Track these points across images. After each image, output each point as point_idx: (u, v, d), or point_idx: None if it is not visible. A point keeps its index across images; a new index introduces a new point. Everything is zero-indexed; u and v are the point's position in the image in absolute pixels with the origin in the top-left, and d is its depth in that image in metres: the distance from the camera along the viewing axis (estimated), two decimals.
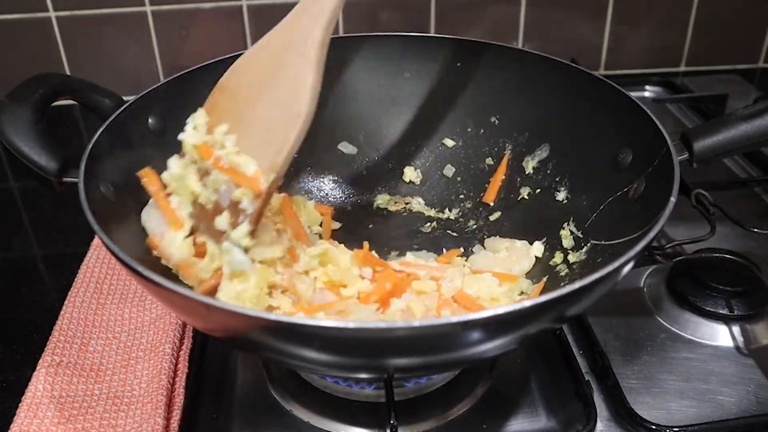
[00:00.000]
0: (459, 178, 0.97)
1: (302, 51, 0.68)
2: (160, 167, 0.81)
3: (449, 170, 0.98)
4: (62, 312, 0.83)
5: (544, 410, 0.74)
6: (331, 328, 0.51)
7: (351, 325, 0.51)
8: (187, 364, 0.76)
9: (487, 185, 0.94)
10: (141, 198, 0.76)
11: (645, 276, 0.90)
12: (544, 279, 0.81)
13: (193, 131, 0.73)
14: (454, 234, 0.93)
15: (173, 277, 0.74)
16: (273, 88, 0.69)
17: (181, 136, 0.73)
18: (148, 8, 1.32)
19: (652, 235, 0.59)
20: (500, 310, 0.51)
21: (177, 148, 0.84)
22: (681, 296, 0.85)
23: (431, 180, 0.99)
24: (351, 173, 1.00)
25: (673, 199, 0.63)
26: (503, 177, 0.93)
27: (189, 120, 0.73)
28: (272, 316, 0.52)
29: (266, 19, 1.35)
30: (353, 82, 0.98)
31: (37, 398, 0.72)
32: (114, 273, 0.89)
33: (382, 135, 1.00)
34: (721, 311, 0.82)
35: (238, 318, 0.54)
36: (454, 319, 0.51)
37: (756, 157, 1.13)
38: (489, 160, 0.95)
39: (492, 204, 0.93)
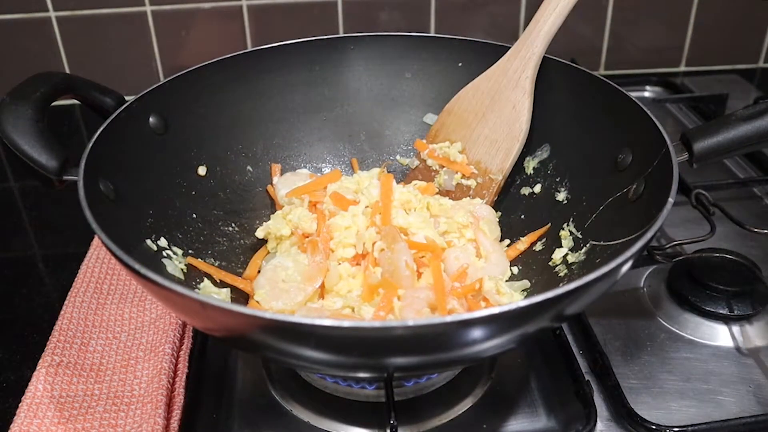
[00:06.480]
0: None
1: (518, 85, 0.87)
2: (161, 166, 0.82)
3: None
4: (62, 312, 0.83)
5: (544, 410, 0.74)
6: (326, 326, 0.51)
7: (346, 323, 0.51)
8: (187, 364, 0.76)
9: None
10: (140, 197, 0.76)
11: (645, 276, 0.90)
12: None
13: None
14: None
15: (172, 277, 0.75)
16: (495, 113, 0.90)
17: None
18: (148, 8, 1.32)
19: (649, 235, 0.59)
20: (497, 310, 0.51)
21: (177, 147, 0.84)
22: (681, 296, 0.85)
23: None
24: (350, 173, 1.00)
25: (671, 200, 0.62)
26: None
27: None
28: (267, 314, 0.52)
29: (266, 19, 1.35)
30: (353, 82, 0.98)
31: (37, 398, 0.72)
32: (114, 273, 0.89)
33: (383, 135, 1.00)
34: (721, 311, 0.82)
35: (235, 317, 0.54)
36: (450, 318, 0.51)
37: (756, 157, 1.13)
38: None
39: (492, 205, 0.93)
